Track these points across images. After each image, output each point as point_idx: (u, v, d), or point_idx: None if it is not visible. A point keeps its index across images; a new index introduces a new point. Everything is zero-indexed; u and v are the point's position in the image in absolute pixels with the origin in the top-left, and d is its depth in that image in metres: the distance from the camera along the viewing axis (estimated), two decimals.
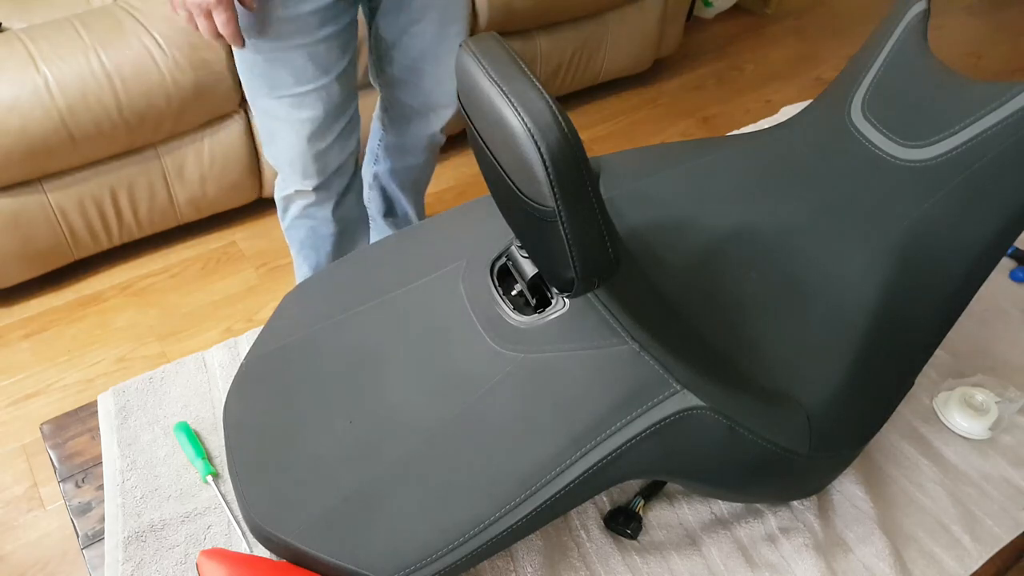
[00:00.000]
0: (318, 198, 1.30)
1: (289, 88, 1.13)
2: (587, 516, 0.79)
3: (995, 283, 1.04)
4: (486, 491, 0.66)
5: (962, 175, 0.71)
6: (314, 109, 1.16)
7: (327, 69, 1.13)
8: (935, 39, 2.71)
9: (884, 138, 0.77)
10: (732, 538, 0.77)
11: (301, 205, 1.32)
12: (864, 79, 0.81)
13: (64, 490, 0.81)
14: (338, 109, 1.20)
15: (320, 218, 1.34)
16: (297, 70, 1.11)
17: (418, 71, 1.29)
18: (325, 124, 1.19)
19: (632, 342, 0.66)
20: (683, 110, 2.40)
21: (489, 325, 0.73)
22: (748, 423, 0.66)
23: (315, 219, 1.34)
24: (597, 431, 0.65)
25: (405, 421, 0.71)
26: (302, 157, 1.22)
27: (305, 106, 1.15)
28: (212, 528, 0.76)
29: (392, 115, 1.42)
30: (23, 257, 1.65)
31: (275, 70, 1.11)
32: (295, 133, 1.19)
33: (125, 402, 0.86)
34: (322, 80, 1.14)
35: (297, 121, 1.17)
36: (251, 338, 0.93)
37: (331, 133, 1.21)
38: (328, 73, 1.14)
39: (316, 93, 1.14)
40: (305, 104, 1.15)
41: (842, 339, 0.71)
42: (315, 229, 1.36)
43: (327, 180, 1.28)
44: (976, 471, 0.84)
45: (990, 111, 0.70)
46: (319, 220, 1.34)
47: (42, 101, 1.46)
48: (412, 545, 0.65)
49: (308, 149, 1.21)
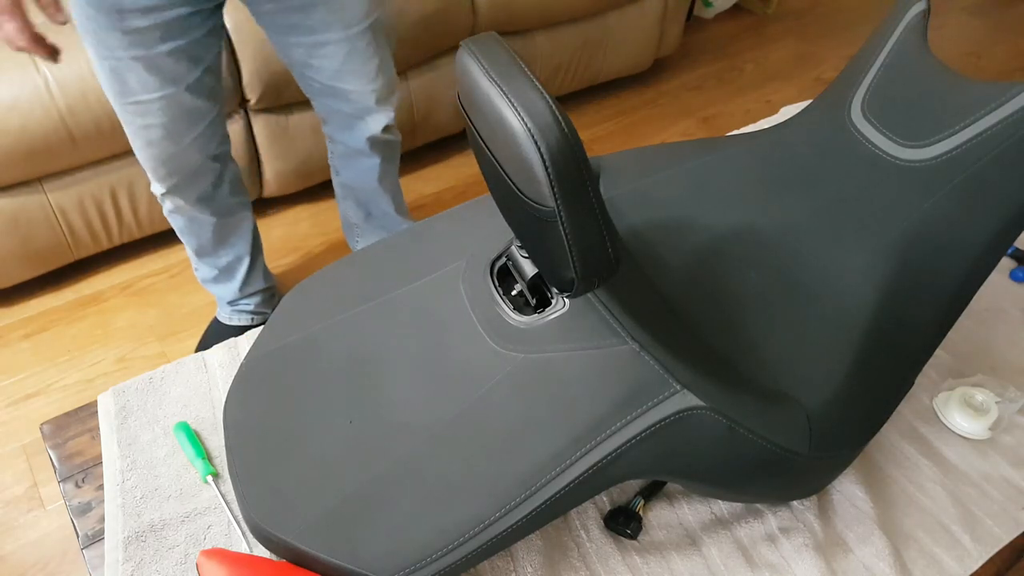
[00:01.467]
0: (181, 197, 1.29)
1: (134, 95, 1.11)
2: (587, 516, 0.79)
3: (995, 283, 1.04)
4: (486, 491, 0.66)
5: (962, 175, 0.71)
6: (159, 116, 1.14)
7: (174, 80, 1.11)
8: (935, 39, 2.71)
9: (884, 138, 0.77)
10: (732, 538, 0.77)
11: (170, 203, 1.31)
12: (864, 79, 0.81)
13: (64, 490, 0.81)
14: (191, 115, 1.17)
15: (190, 213, 1.33)
16: (141, 79, 1.09)
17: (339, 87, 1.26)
18: (175, 130, 1.17)
19: (632, 342, 0.66)
20: (683, 110, 2.40)
21: (489, 325, 0.73)
22: (748, 423, 0.66)
23: (186, 214, 1.34)
24: (597, 431, 0.65)
25: (405, 421, 0.71)
26: (151, 161, 1.21)
27: (150, 114, 1.13)
28: (212, 528, 0.76)
29: (331, 125, 1.39)
30: (23, 257, 1.65)
31: (119, 76, 1.09)
32: (141, 138, 1.17)
33: (125, 402, 0.86)
34: (168, 90, 1.11)
35: (142, 127, 1.15)
36: (251, 337, 0.93)
37: (184, 138, 1.19)
38: (176, 83, 1.11)
39: (161, 102, 1.12)
40: (150, 112, 1.13)
41: (842, 339, 0.71)
42: (190, 220, 1.36)
43: (185, 181, 1.26)
44: (976, 471, 0.84)
45: (990, 111, 0.70)
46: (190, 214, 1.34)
47: (42, 101, 1.46)
48: (412, 545, 0.65)
49: (157, 154, 1.19)
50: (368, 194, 1.54)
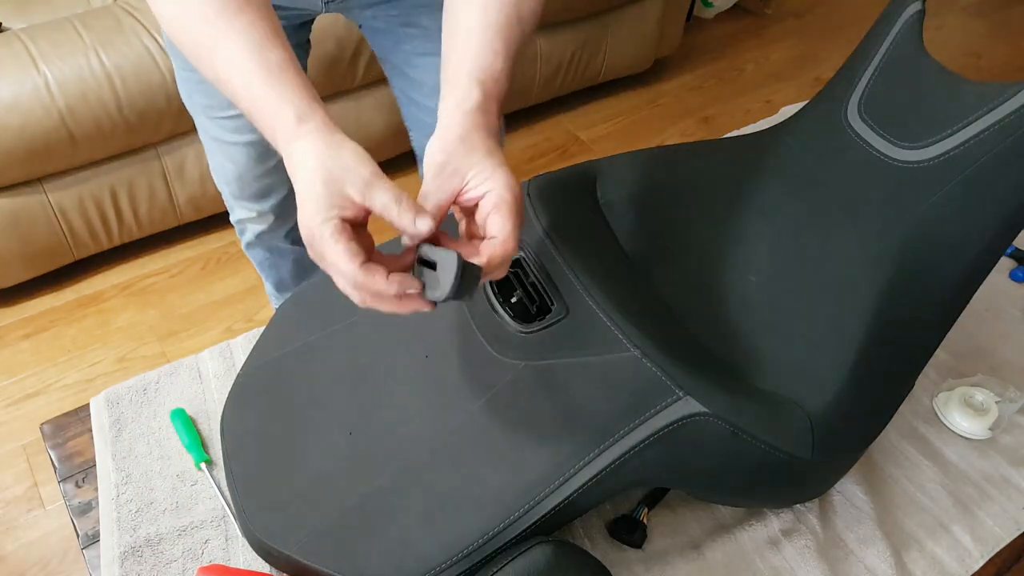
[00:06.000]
0: (267, 224, 1.22)
1: (224, 109, 1.03)
2: (591, 525, 0.78)
3: (995, 283, 1.03)
4: (489, 502, 0.65)
5: (960, 176, 0.71)
6: (249, 133, 1.06)
7: None
8: (935, 39, 2.71)
9: (881, 139, 0.77)
10: (735, 543, 0.77)
11: (254, 232, 1.24)
12: (860, 80, 0.81)
13: (64, 490, 0.81)
14: None
15: (273, 244, 1.27)
16: None
17: None
18: (264, 149, 1.08)
19: (633, 349, 0.66)
20: (683, 110, 2.40)
21: (489, 333, 0.72)
22: (751, 428, 0.65)
23: (269, 245, 1.27)
24: (600, 440, 0.65)
25: (405, 432, 0.71)
26: (234, 184, 1.15)
27: (244, 129, 1.05)
28: (210, 543, 0.75)
29: None
30: (23, 257, 1.65)
31: (205, 89, 1.01)
32: (233, 156, 1.10)
33: (120, 414, 0.85)
34: None
35: (230, 144, 1.08)
36: (247, 343, 0.92)
37: (271, 158, 1.11)
38: None
39: None
40: (243, 127, 1.05)
41: (842, 341, 0.71)
42: (271, 251, 1.30)
43: (275, 205, 1.19)
44: (976, 471, 0.84)
45: (987, 111, 0.70)
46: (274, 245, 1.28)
47: (42, 101, 1.46)
48: (415, 558, 0.64)
49: (242, 174, 1.12)
50: None
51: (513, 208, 0.59)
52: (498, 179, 0.59)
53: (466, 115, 0.60)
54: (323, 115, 0.59)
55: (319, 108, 0.59)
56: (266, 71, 0.59)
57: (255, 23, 0.60)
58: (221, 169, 1.14)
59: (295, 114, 0.58)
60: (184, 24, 0.62)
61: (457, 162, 0.59)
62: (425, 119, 1.12)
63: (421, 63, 1.04)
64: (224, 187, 1.17)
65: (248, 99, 0.60)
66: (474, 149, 0.59)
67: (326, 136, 0.57)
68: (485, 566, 0.64)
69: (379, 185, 0.56)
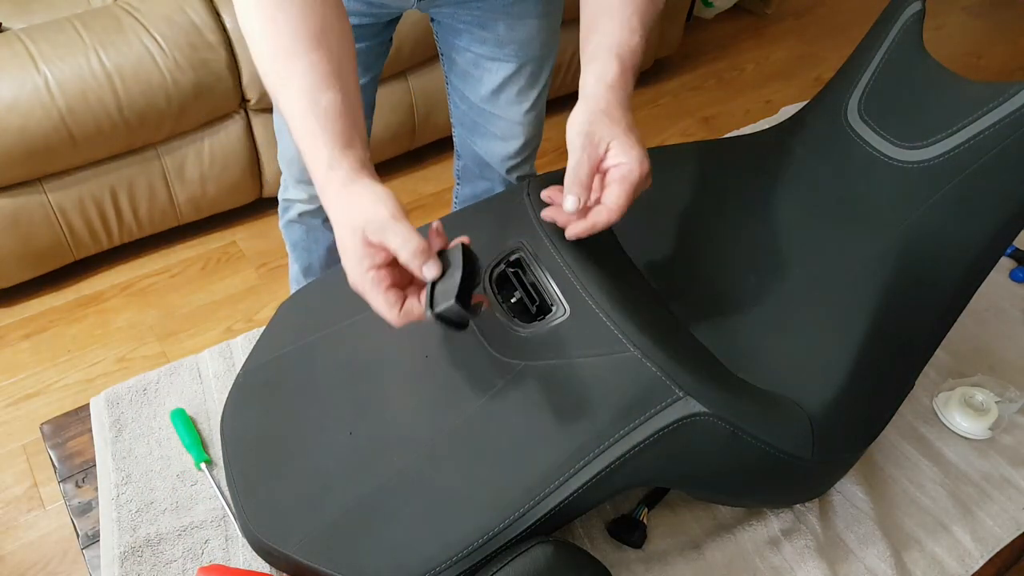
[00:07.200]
0: (314, 205, 1.27)
1: None
2: (591, 525, 0.78)
3: (995, 283, 1.04)
4: (489, 502, 0.65)
5: (960, 176, 0.71)
6: None
7: None
8: (935, 39, 2.71)
9: (881, 139, 0.77)
10: (735, 543, 0.77)
11: (298, 210, 1.29)
12: (860, 80, 0.81)
13: (64, 490, 0.81)
14: None
15: (315, 225, 1.32)
16: None
17: None
18: None
19: (633, 349, 0.66)
20: (683, 110, 2.40)
21: (489, 333, 0.72)
22: (751, 428, 0.65)
23: (310, 225, 1.32)
24: (600, 439, 0.65)
25: (405, 432, 0.71)
26: (296, 164, 1.19)
27: None
28: (210, 543, 0.75)
29: None
30: (23, 257, 1.65)
31: None
32: None
33: (119, 414, 0.85)
34: None
35: None
36: (247, 343, 0.92)
37: None
38: None
39: None
40: None
41: (842, 341, 0.71)
42: (309, 233, 1.34)
43: None
44: (976, 471, 0.84)
45: (987, 111, 0.70)
46: (314, 227, 1.32)
47: (42, 101, 1.46)
48: (416, 557, 0.64)
49: None
50: None
51: (636, 186, 0.66)
52: (634, 156, 0.66)
53: (608, 89, 0.67)
54: (351, 162, 0.64)
55: (350, 153, 0.64)
56: (313, 116, 0.64)
57: (316, 65, 0.65)
58: (287, 151, 1.19)
59: (326, 161, 0.64)
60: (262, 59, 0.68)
61: (601, 132, 0.66)
62: (476, 119, 1.19)
63: (488, 67, 1.10)
64: (285, 168, 1.23)
65: (297, 139, 0.66)
66: (616, 123, 0.66)
67: (348, 184, 0.63)
68: (485, 566, 0.64)
69: (392, 228, 0.60)
